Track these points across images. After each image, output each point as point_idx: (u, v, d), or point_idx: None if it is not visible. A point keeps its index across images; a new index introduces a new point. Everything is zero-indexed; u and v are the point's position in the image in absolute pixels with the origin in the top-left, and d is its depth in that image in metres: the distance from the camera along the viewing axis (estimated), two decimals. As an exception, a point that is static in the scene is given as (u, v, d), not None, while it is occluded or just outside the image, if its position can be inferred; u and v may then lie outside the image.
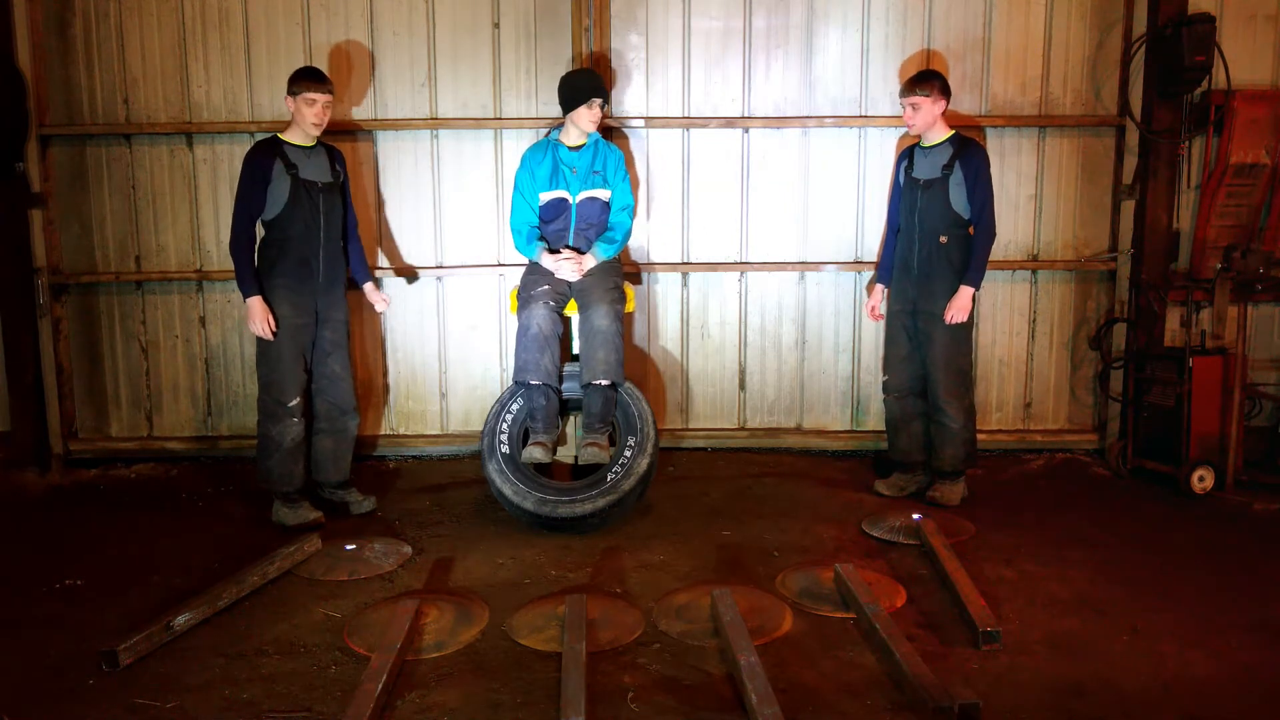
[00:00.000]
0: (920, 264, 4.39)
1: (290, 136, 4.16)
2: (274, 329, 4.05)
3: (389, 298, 4.59)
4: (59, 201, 5.11)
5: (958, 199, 4.29)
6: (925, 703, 2.58)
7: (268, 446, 4.14)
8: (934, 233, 4.34)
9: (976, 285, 4.28)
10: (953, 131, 4.38)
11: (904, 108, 4.36)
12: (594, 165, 4.39)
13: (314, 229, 4.14)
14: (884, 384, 4.67)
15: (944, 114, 4.35)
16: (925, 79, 4.30)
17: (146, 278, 5.16)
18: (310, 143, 4.18)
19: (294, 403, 4.13)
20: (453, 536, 4.11)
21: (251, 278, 4.06)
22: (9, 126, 4.76)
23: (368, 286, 4.49)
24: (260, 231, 4.16)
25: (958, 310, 4.26)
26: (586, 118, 4.34)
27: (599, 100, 4.32)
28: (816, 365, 5.31)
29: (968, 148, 4.32)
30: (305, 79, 4.10)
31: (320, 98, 4.09)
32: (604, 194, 4.40)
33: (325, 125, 4.16)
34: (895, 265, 4.56)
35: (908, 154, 4.52)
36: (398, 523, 4.29)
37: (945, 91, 4.32)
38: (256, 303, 4.04)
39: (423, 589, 3.53)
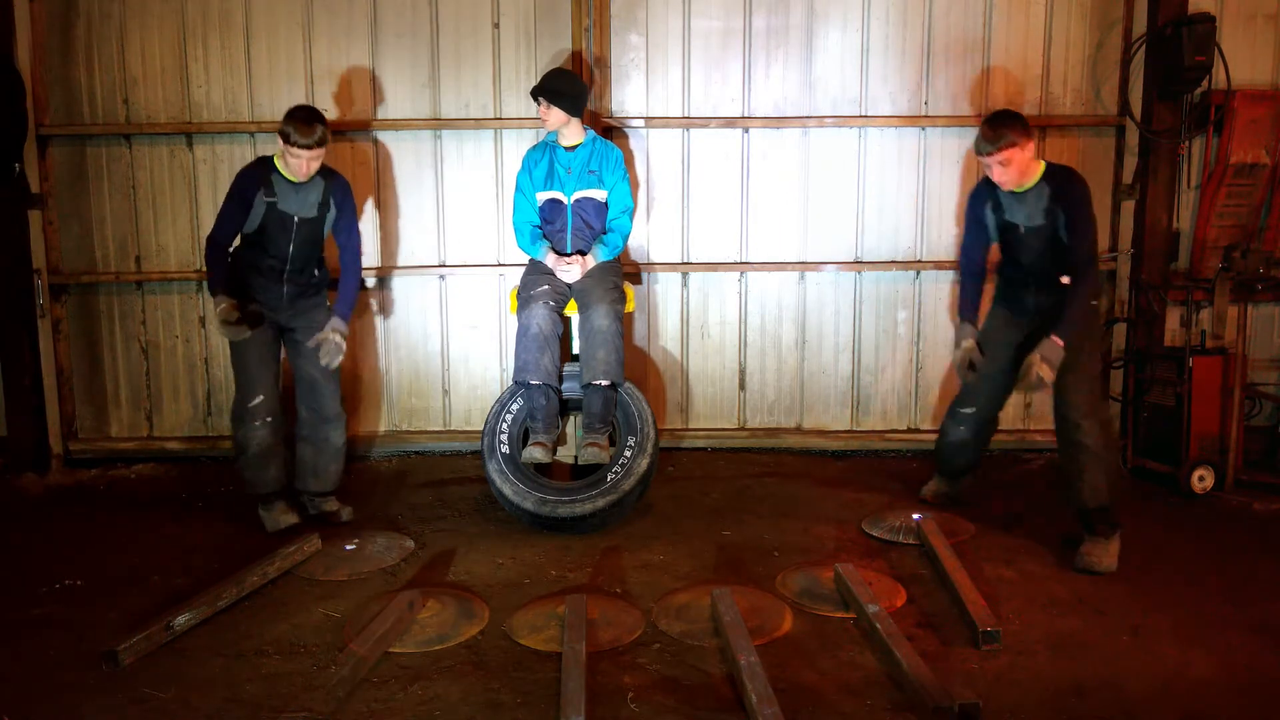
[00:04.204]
0: (1041, 308, 3.83)
1: (280, 161, 4.01)
2: (244, 328, 3.88)
3: (339, 350, 4.03)
4: (59, 202, 5.11)
5: (1055, 255, 3.74)
6: (925, 703, 2.58)
7: (236, 449, 4.09)
8: (1051, 275, 3.75)
9: (1066, 339, 3.54)
10: (1043, 166, 3.71)
11: (988, 167, 3.65)
12: (589, 165, 4.38)
13: (282, 256, 4.04)
14: (959, 407, 4.12)
15: (1033, 151, 3.69)
16: (1008, 124, 3.57)
17: (146, 278, 5.16)
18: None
19: (254, 403, 3.99)
20: (454, 532, 4.12)
21: (221, 279, 3.91)
22: (6, 127, 4.75)
23: (334, 322, 4.05)
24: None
25: (1048, 372, 3.51)
26: (540, 117, 4.33)
27: (542, 100, 4.26)
28: (816, 365, 5.31)
29: (1064, 185, 3.64)
30: (294, 132, 3.83)
31: (305, 154, 3.87)
32: (600, 194, 4.40)
33: (313, 173, 3.98)
34: (1005, 302, 4.01)
35: (990, 194, 3.86)
36: (400, 517, 4.30)
37: (1029, 129, 3.61)
38: (222, 300, 3.85)
39: (425, 582, 3.54)
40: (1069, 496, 3.75)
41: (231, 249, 4.05)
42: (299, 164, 3.91)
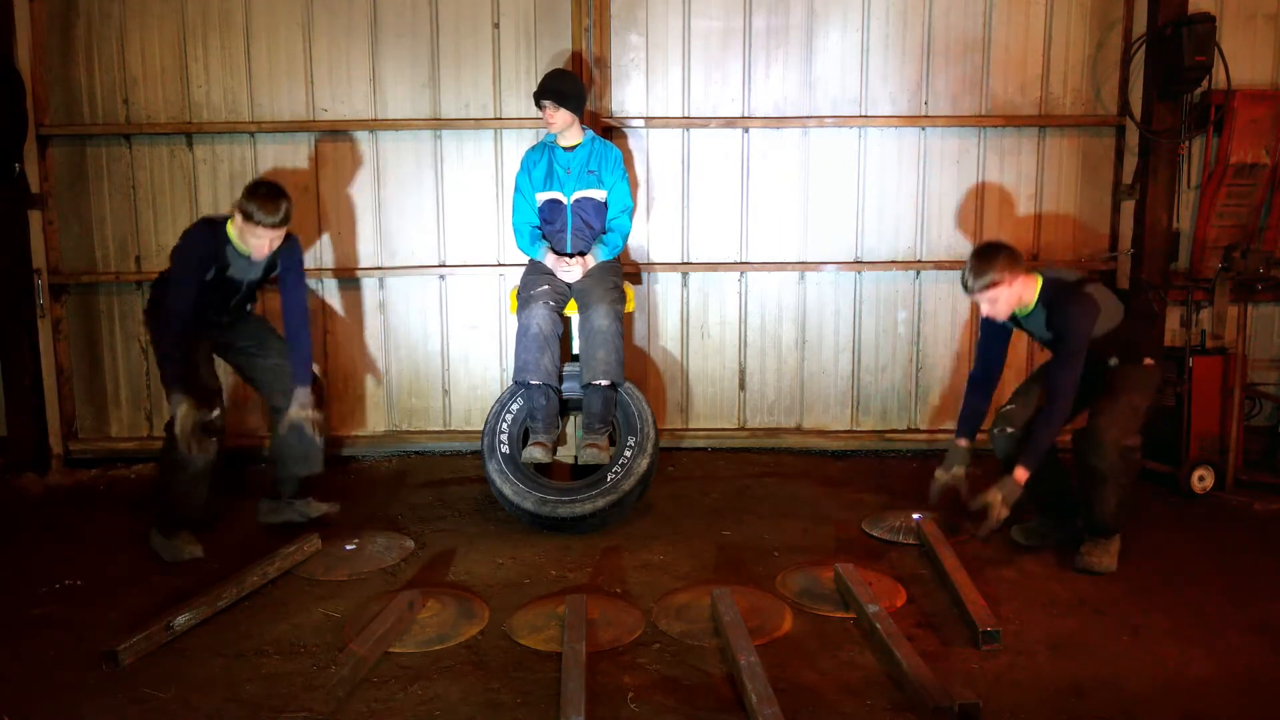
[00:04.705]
0: (1089, 387, 3.65)
1: (235, 233, 3.72)
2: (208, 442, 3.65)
3: (316, 423, 3.91)
4: (59, 202, 5.11)
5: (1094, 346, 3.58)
6: (925, 703, 2.58)
7: (174, 465, 3.74)
8: (1098, 363, 3.65)
9: (1030, 469, 3.53)
10: (1039, 286, 3.57)
11: (979, 303, 3.57)
12: (589, 165, 4.38)
13: (224, 308, 3.89)
14: (1002, 414, 3.79)
15: (1025, 277, 3.51)
16: (992, 262, 3.44)
17: (146, 278, 5.14)
18: None
19: (213, 417, 3.74)
20: (454, 532, 4.12)
21: (179, 374, 3.61)
22: (6, 127, 4.75)
23: (300, 393, 3.86)
24: None
25: (1004, 513, 3.51)
26: (544, 120, 4.33)
27: (547, 103, 4.24)
28: (816, 365, 5.31)
29: (1057, 314, 3.52)
30: (258, 210, 3.57)
31: (269, 234, 3.62)
32: (599, 194, 4.40)
33: (274, 249, 3.73)
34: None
35: None
36: (400, 517, 4.30)
37: (1015, 261, 3.48)
38: (184, 402, 3.55)
39: (425, 582, 3.54)
40: (1080, 508, 3.71)
41: (183, 346, 3.73)
42: (260, 244, 3.65)
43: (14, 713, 2.67)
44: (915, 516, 4.04)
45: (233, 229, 3.71)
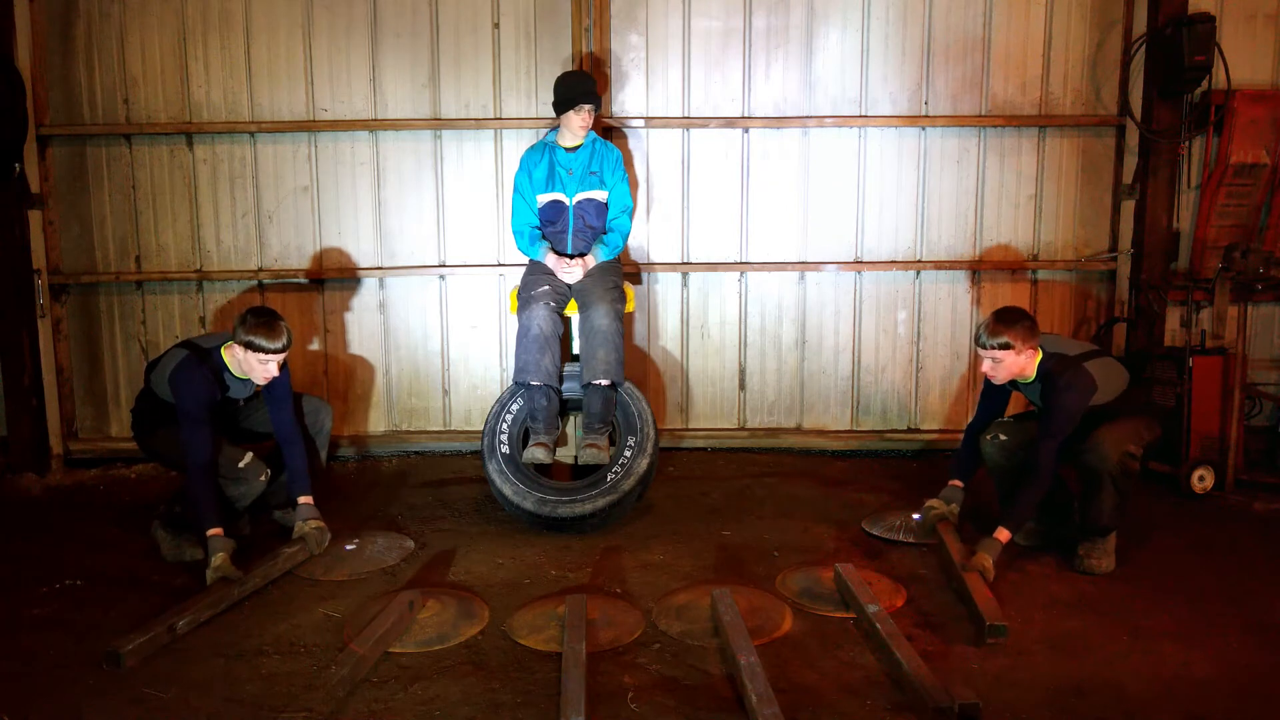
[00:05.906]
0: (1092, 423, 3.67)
1: (233, 362, 3.71)
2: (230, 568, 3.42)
3: (323, 534, 3.80)
4: (59, 202, 5.12)
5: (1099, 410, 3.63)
6: (925, 703, 2.58)
7: (220, 498, 3.68)
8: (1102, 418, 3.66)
9: (1014, 531, 3.55)
10: (1038, 361, 3.61)
11: (984, 360, 3.63)
12: (590, 166, 4.39)
13: (228, 424, 3.92)
14: (999, 423, 3.89)
15: (1032, 352, 3.57)
16: (1010, 327, 3.51)
17: (146, 278, 5.16)
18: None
19: (244, 462, 3.75)
20: (454, 532, 4.12)
21: (214, 511, 3.53)
22: (6, 127, 4.75)
23: (302, 502, 3.82)
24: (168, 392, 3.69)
25: (982, 565, 3.42)
26: (576, 122, 4.33)
27: (588, 106, 4.30)
28: (816, 365, 5.31)
29: (1050, 392, 3.56)
30: (263, 340, 3.55)
31: (274, 358, 3.60)
32: (601, 195, 4.40)
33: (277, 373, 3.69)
34: None
35: None
36: (400, 517, 4.30)
37: (1032, 333, 3.54)
38: (221, 552, 3.42)
39: (425, 582, 3.54)
40: (1080, 507, 3.71)
41: (214, 485, 3.67)
42: (268, 370, 3.63)
43: (14, 713, 2.67)
44: (915, 516, 4.04)
45: (228, 357, 3.69)
